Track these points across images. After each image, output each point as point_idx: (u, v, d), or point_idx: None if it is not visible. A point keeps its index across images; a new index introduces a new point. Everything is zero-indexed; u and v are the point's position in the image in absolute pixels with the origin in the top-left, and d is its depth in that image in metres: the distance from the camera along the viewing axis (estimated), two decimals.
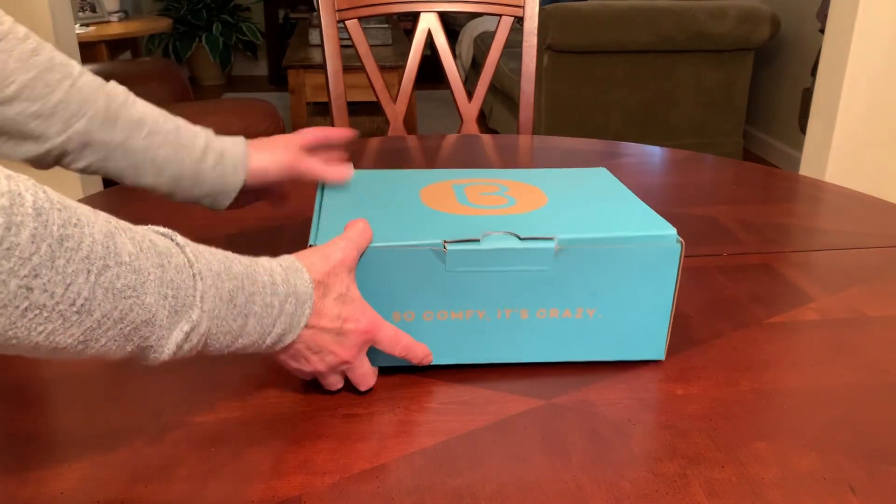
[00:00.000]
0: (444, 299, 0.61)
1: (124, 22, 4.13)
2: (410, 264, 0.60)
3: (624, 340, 0.64)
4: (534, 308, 0.62)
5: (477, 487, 0.51)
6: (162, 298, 0.43)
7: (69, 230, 0.38)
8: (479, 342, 0.63)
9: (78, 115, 0.63)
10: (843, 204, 1.04)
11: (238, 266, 0.50)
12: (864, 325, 0.72)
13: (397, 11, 1.41)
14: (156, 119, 0.67)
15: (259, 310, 0.50)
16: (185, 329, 0.45)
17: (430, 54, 1.42)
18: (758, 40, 3.08)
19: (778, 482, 0.52)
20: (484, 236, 0.60)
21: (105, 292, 0.40)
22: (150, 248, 0.44)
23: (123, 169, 0.66)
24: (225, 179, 0.70)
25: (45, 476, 0.51)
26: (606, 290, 0.62)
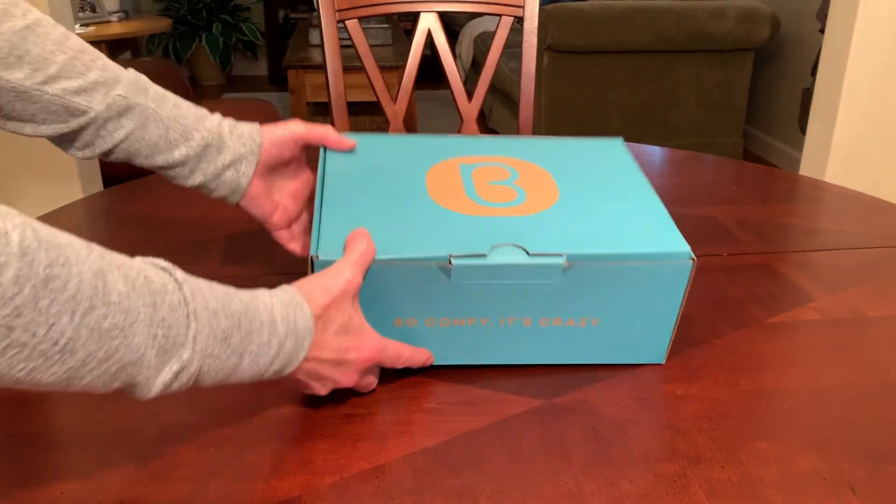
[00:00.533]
0: (448, 308, 0.61)
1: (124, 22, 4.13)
2: (415, 276, 0.59)
3: (626, 346, 0.64)
4: (538, 317, 0.62)
5: (477, 487, 0.51)
6: (151, 338, 0.43)
7: (55, 270, 0.38)
8: (481, 347, 0.63)
9: (115, 85, 0.65)
10: (843, 204, 1.04)
11: (237, 304, 0.49)
12: (864, 325, 0.72)
13: (397, 11, 1.41)
14: (175, 97, 0.70)
15: (255, 349, 0.50)
16: (175, 368, 0.45)
17: (430, 54, 1.42)
18: (758, 40, 3.08)
19: (778, 482, 0.52)
20: (491, 250, 0.59)
21: (90, 332, 0.40)
22: (144, 285, 0.43)
23: (157, 139, 0.67)
24: (243, 141, 0.70)
25: (45, 476, 0.51)
26: (613, 303, 0.62)
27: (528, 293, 0.61)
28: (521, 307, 0.61)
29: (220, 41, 4.92)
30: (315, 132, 0.73)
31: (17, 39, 0.60)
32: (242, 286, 0.52)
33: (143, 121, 0.66)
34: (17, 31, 0.60)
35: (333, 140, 0.73)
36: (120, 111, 0.65)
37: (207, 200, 0.72)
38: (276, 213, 0.74)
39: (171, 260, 0.48)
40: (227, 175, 0.70)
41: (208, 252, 0.83)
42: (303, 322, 0.53)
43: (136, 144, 0.67)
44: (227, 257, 0.82)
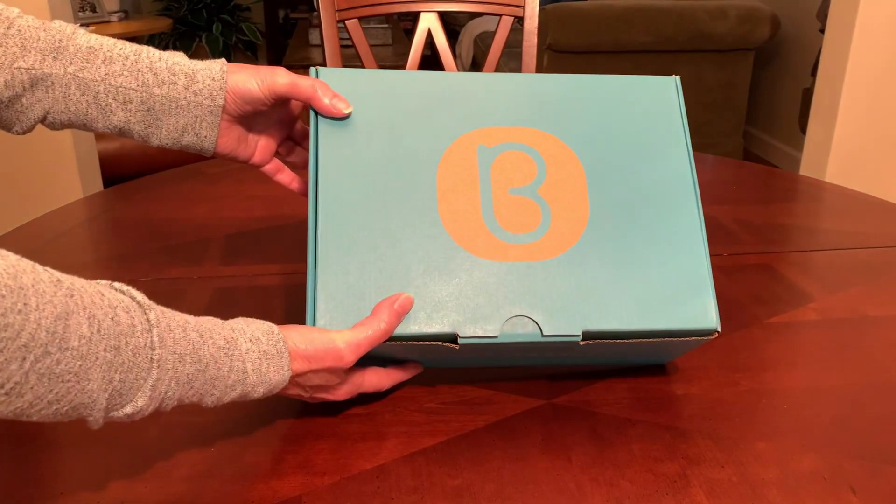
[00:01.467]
0: (452, 361, 0.61)
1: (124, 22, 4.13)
2: (418, 349, 0.57)
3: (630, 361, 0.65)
4: (545, 358, 0.62)
5: (477, 487, 0.51)
6: (107, 383, 0.42)
7: (9, 318, 0.37)
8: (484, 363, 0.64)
9: (20, 55, 0.56)
10: (843, 204, 1.04)
11: (209, 349, 0.48)
12: (864, 325, 0.72)
13: (397, 11, 1.41)
14: (111, 47, 0.59)
15: (218, 392, 0.49)
16: (127, 411, 0.44)
17: (430, 54, 1.41)
18: (758, 40, 3.08)
19: (778, 482, 0.52)
20: (503, 325, 0.55)
21: (39, 378, 0.39)
22: (110, 328, 0.42)
23: (86, 108, 0.59)
24: (199, 100, 0.60)
25: (45, 476, 0.51)
26: (627, 358, 0.63)
27: (540, 356, 0.61)
28: (530, 359, 0.62)
29: (220, 41, 4.92)
30: (301, 89, 0.60)
31: None
32: (242, 286, 0.52)
33: (61, 91, 0.58)
34: None
35: (324, 106, 0.59)
36: (25, 85, 0.57)
37: (208, 201, 0.72)
38: (257, 152, 0.67)
39: (172, 260, 0.48)
40: (186, 139, 0.62)
41: (208, 252, 0.83)
42: (277, 376, 0.51)
43: (63, 115, 0.59)
44: (227, 257, 0.82)
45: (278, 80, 0.61)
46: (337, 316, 0.54)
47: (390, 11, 1.40)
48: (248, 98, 0.61)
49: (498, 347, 0.56)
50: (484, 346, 0.55)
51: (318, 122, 0.59)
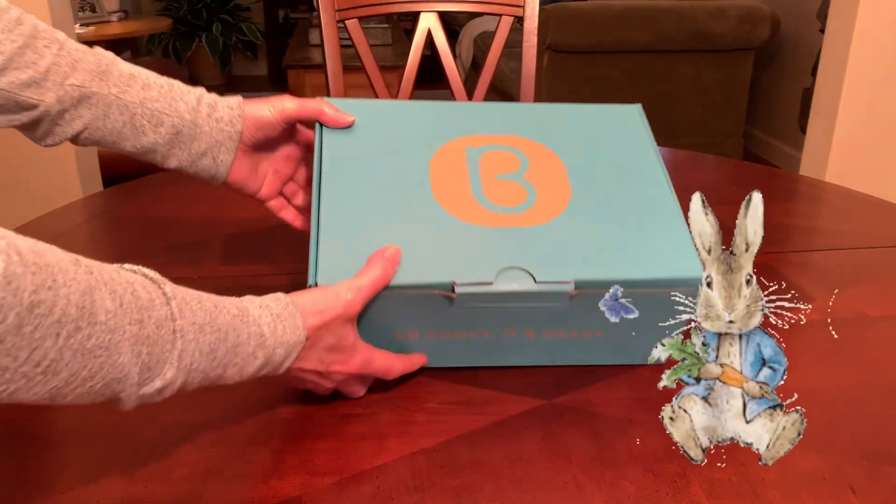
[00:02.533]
0: (450, 325, 0.60)
1: (124, 22, 4.13)
2: (417, 302, 0.58)
3: (630, 351, 0.64)
4: (541, 330, 0.62)
5: (477, 487, 0.51)
6: (135, 356, 0.43)
7: (41, 295, 0.37)
8: (482, 355, 0.63)
9: (70, 74, 0.61)
10: (843, 204, 1.04)
11: (224, 317, 0.49)
12: (864, 325, 0.72)
13: (397, 11, 1.41)
14: (148, 75, 0.65)
15: (240, 361, 0.50)
16: (157, 385, 0.45)
17: (430, 54, 1.41)
18: (758, 40, 3.08)
19: (778, 482, 0.52)
20: (497, 275, 0.57)
21: (73, 353, 0.39)
22: (131, 302, 0.43)
23: (122, 127, 0.63)
24: (221, 126, 0.66)
25: (46, 476, 0.51)
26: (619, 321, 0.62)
27: (534, 313, 0.60)
28: (526, 324, 0.61)
29: (220, 41, 4.92)
30: (308, 108, 0.67)
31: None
32: (242, 286, 0.52)
33: (103, 109, 0.62)
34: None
35: (329, 117, 0.67)
36: (75, 101, 0.61)
37: (208, 201, 0.72)
38: (264, 185, 0.71)
39: (172, 260, 0.48)
40: (204, 163, 0.67)
41: (208, 252, 0.83)
42: (293, 335, 0.52)
43: (100, 132, 0.63)
44: (227, 257, 0.82)
45: (286, 104, 0.67)
46: (337, 274, 0.56)
47: (390, 11, 1.40)
48: (261, 123, 0.67)
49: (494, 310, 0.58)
50: (480, 299, 0.57)
51: (322, 132, 0.66)
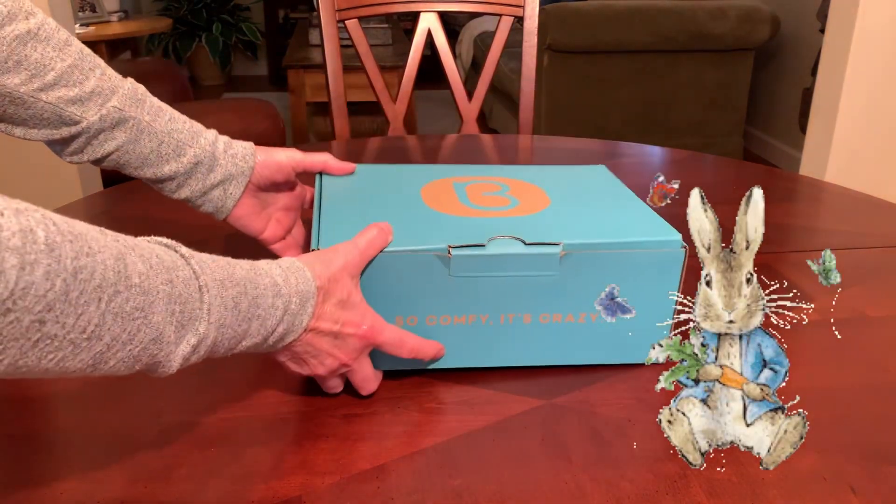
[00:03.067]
0: (448, 304, 0.61)
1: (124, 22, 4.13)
2: (414, 269, 0.59)
3: (627, 344, 0.64)
4: (537, 313, 0.62)
5: (477, 487, 0.51)
6: (169, 315, 0.44)
7: (82, 261, 0.38)
8: (482, 347, 0.63)
9: (111, 96, 0.64)
10: (843, 204, 1.04)
11: (240, 271, 0.50)
12: (864, 325, 0.72)
13: (397, 11, 1.41)
14: (173, 111, 0.70)
15: (263, 312, 0.50)
16: (192, 342, 0.46)
17: (430, 54, 1.41)
18: (758, 40, 3.08)
19: (778, 482, 0.52)
20: (489, 241, 0.60)
21: (115, 317, 0.40)
22: (159, 264, 0.44)
23: (148, 153, 0.67)
24: (236, 161, 0.71)
25: (45, 476, 0.51)
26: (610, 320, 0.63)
27: (527, 286, 0.61)
28: (521, 301, 0.62)
29: (219, 41, 4.92)
30: (314, 159, 0.73)
31: (17, 44, 0.59)
32: None
33: (136, 134, 0.66)
34: (19, 35, 0.59)
35: (333, 167, 0.74)
36: (113, 123, 0.65)
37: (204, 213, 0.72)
38: (268, 228, 0.75)
39: None
40: (214, 194, 0.71)
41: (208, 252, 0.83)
42: (305, 285, 0.53)
43: (127, 156, 0.67)
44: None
45: (296, 154, 0.73)
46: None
47: (390, 11, 1.40)
48: (272, 164, 0.72)
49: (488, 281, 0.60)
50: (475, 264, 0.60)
51: (322, 178, 0.73)
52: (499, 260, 0.60)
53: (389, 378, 0.62)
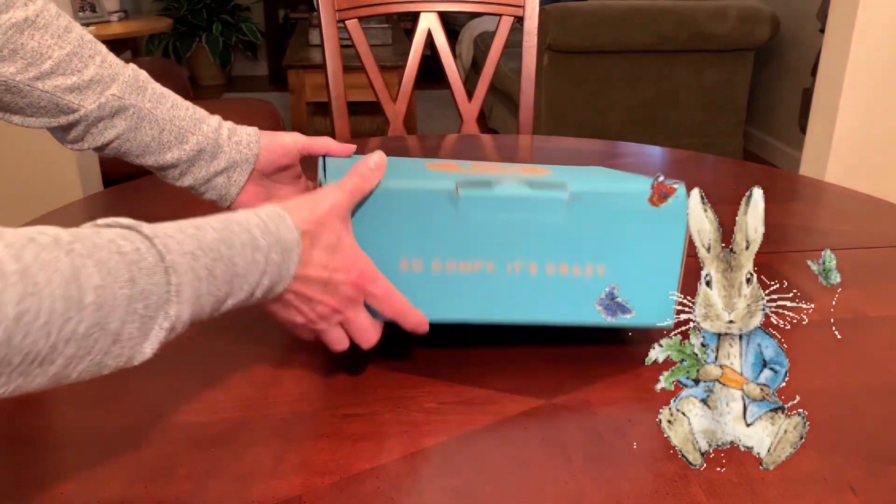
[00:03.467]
0: (454, 248, 0.60)
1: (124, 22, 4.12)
2: (422, 208, 0.59)
3: (632, 303, 0.63)
4: (543, 262, 0.61)
5: (477, 487, 0.51)
6: (130, 315, 0.42)
7: (26, 304, 0.37)
8: (487, 298, 0.62)
9: (111, 84, 0.64)
10: (843, 204, 1.04)
11: (211, 234, 0.48)
12: (864, 325, 0.72)
13: (397, 11, 1.41)
14: (175, 96, 0.69)
15: (242, 270, 0.49)
16: (166, 326, 0.44)
17: (430, 54, 1.41)
18: (758, 40, 3.08)
19: (778, 482, 0.52)
20: (496, 184, 0.60)
21: (66, 342, 0.39)
22: (118, 263, 0.42)
23: (150, 141, 0.66)
24: (240, 148, 0.69)
25: (45, 476, 0.51)
26: (616, 247, 0.62)
27: (533, 231, 0.61)
28: (526, 248, 0.61)
29: (220, 41, 4.92)
30: (316, 142, 0.72)
31: (14, 32, 0.59)
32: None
33: (136, 122, 0.65)
34: (16, 23, 0.59)
35: (335, 149, 0.72)
36: (113, 111, 0.64)
37: (208, 201, 0.72)
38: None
39: None
40: (218, 181, 0.70)
41: None
42: (287, 233, 0.52)
43: (128, 144, 0.66)
44: None
45: (300, 137, 0.72)
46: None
47: (390, 11, 1.40)
48: (276, 148, 0.71)
49: (495, 225, 0.60)
50: (481, 204, 0.59)
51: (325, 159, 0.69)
52: (506, 202, 0.60)
53: (389, 378, 0.62)
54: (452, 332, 0.67)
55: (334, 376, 0.62)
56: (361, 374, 0.63)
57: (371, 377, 0.62)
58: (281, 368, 0.63)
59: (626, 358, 0.66)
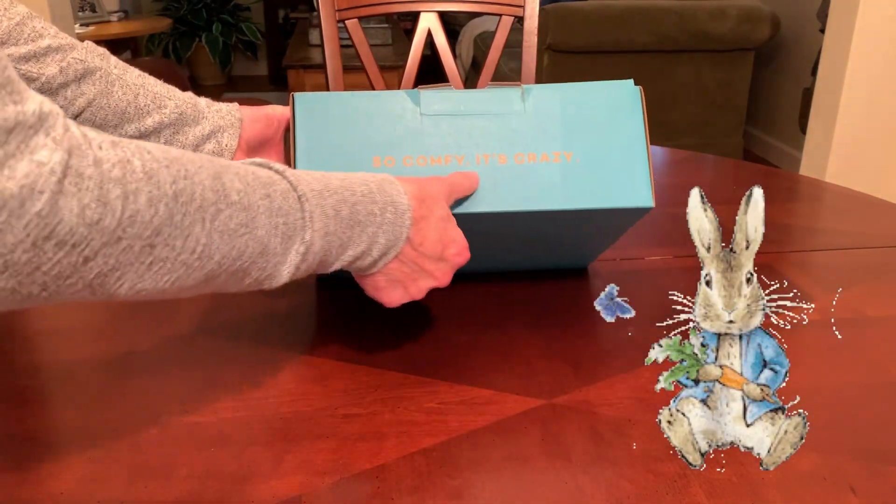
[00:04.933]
0: (423, 144, 0.63)
1: (124, 22, 4.13)
2: (388, 109, 0.63)
3: (608, 185, 0.64)
4: (511, 152, 0.64)
5: (477, 487, 0.51)
6: (273, 228, 0.45)
7: (180, 184, 0.39)
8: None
9: (72, 50, 0.62)
10: (843, 204, 1.04)
11: (335, 181, 0.51)
12: (864, 325, 0.72)
13: (397, 11, 1.41)
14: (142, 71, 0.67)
15: (363, 218, 0.51)
16: (301, 251, 0.47)
17: (430, 54, 1.41)
18: (758, 40, 3.07)
19: (778, 482, 0.52)
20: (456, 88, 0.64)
21: (221, 235, 0.41)
22: (255, 180, 0.45)
23: (125, 106, 0.64)
24: (222, 115, 0.68)
25: (45, 476, 0.51)
26: (578, 132, 0.64)
27: (496, 124, 0.64)
28: (491, 139, 0.64)
29: (220, 41, 4.92)
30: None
31: None
32: None
33: (106, 85, 0.63)
34: None
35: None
36: (78, 75, 0.61)
37: None
38: None
39: None
40: (208, 148, 0.67)
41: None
42: (399, 197, 0.54)
43: (102, 112, 0.63)
44: None
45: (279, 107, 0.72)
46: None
47: (390, 11, 1.40)
48: (262, 117, 0.70)
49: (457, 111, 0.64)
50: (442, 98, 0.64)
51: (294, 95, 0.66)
52: (465, 97, 0.64)
53: (389, 378, 0.62)
54: (453, 331, 0.67)
55: (334, 376, 0.62)
56: (361, 374, 0.63)
57: (371, 377, 0.62)
58: (281, 368, 0.63)
59: (626, 358, 0.66)
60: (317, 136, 0.63)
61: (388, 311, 0.61)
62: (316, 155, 0.63)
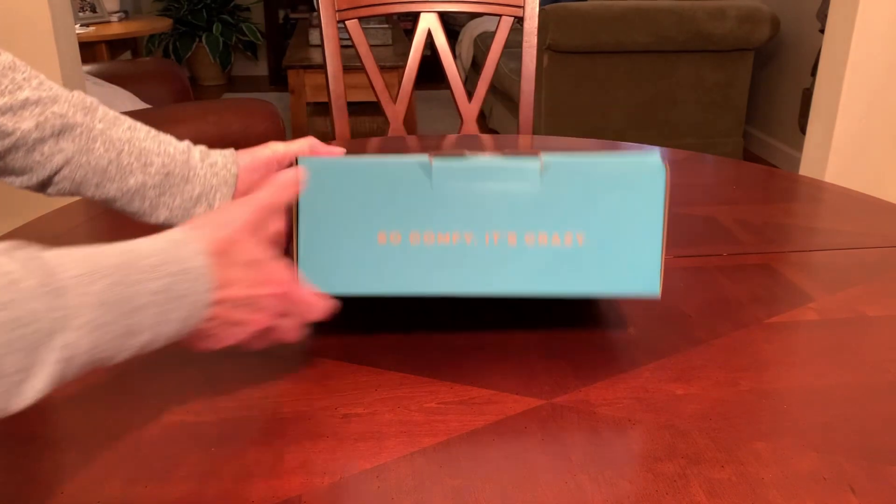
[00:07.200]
0: (431, 219, 0.60)
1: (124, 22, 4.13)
2: (396, 180, 0.60)
3: (615, 271, 0.62)
4: (521, 232, 0.61)
5: (477, 487, 0.51)
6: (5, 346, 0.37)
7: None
8: (468, 270, 0.62)
9: (53, 103, 0.57)
10: (843, 204, 1.04)
11: (110, 258, 0.44)
12: (864, 325, 0.72)
13: (397, 11, 1.41)
14: (133, 120, 0.62)
15: (146, 300, 0.44)
16: (65, 356, 0.40)
17: (430, 54, 1.41)
18: (758, 40, 3.08)
19: (778, 482, 0.52)
20: (470, 156, 0.61)
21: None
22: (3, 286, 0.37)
23: (107, 165, 0.58)
24: (216, 171, 0.62)
25: (45, 476, 0.51)
26: (593, 214, 0.61)
27: (509, 200, 0.61)
28: (503, 217, 0.61)
29: (220, 41, 4.92)
30: (295, 146, 0.66)
31: None
32: None
33: (86, 142, 0.58)
34: None
35: (322, 149, 0.67)
36: (56, 131, 0.56)
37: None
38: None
39: None
40: (198, 210, 0.62)
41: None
42: (192, 261, 0.48)
43: (82, 170, 0.58)
44: None
45: (278, 147, 0.66)
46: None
47: (390, 11, 1.40)
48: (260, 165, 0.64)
49: (470, 195, 0.60)
50: (456, 174, 0.60)
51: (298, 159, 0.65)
52: (480, 171, 0.61)
53: (389, 378, 0.62)
54: (453, 331, 0.67)
55: (334, 376, 0.62)
56: (361, 374, 0.63)
57: (371, 377, 0.62)
58: (281, 368, 0.63)
59: (627, 358, 0.66)
60: (321, 208, 0.60)
61: (388, 311, 0.61)
62: (319, 229, 0.60)
